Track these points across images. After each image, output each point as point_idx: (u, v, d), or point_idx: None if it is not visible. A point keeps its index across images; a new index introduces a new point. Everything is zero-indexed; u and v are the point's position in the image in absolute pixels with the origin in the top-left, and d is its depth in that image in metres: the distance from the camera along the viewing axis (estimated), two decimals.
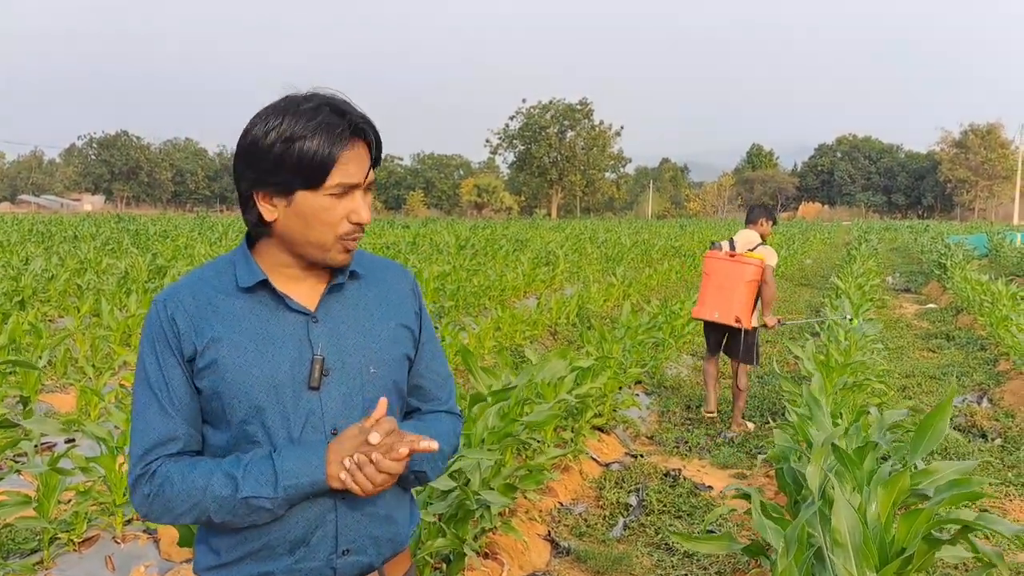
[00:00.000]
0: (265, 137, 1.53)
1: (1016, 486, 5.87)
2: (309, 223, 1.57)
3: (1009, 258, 24.01)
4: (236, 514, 1.54)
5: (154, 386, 1.56)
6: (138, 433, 1.57)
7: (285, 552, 1.60)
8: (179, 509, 1.54)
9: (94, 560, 4.12)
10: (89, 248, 18.72)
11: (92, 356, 7.99)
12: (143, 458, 1.55)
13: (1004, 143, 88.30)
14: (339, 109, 1.56)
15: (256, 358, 1.57)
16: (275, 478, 1.53)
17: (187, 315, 1.57)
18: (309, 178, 1.54)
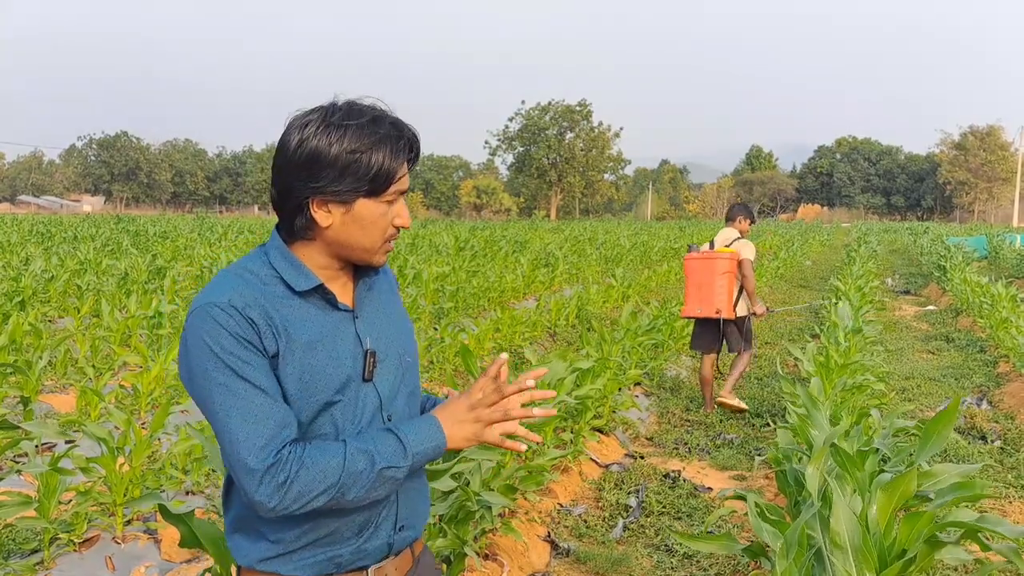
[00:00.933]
0: (329, 149, 1.60)
1: (1016, 488, 5.88)
2: (366, 228, 1.66)
3: (1009, 260, 24.01)
4: (371, 487, 1.60)
5: (251, 378, 1.57)
6: (250, 427, 1.56)
7: (353, 535, 1.69)
8: (316, 491, 1.56)
9: (94, 560, 4.12)
10: (89, 249, 18.70)
11: (92, 357, 7.99)
12: (266, 448, 1.55)
13: (1004, 145, 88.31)
14: (396, 122, 1.67)
15: (325, 357, 1.65)
16: (403, 449, 1.63)
17: (262, 316, 1.61)
18: (373, 187, 1.64)
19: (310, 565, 1.68)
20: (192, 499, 4.91)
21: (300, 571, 1.68)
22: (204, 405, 1.59)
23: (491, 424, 1.69)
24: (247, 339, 1.58)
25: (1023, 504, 5.60)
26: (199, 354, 1.58)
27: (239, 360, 1.57)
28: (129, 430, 4.55)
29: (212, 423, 1.59)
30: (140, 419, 6.38)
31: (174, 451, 4.98)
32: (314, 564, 1.68)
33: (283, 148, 1.65)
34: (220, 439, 1.58)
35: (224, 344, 1.57)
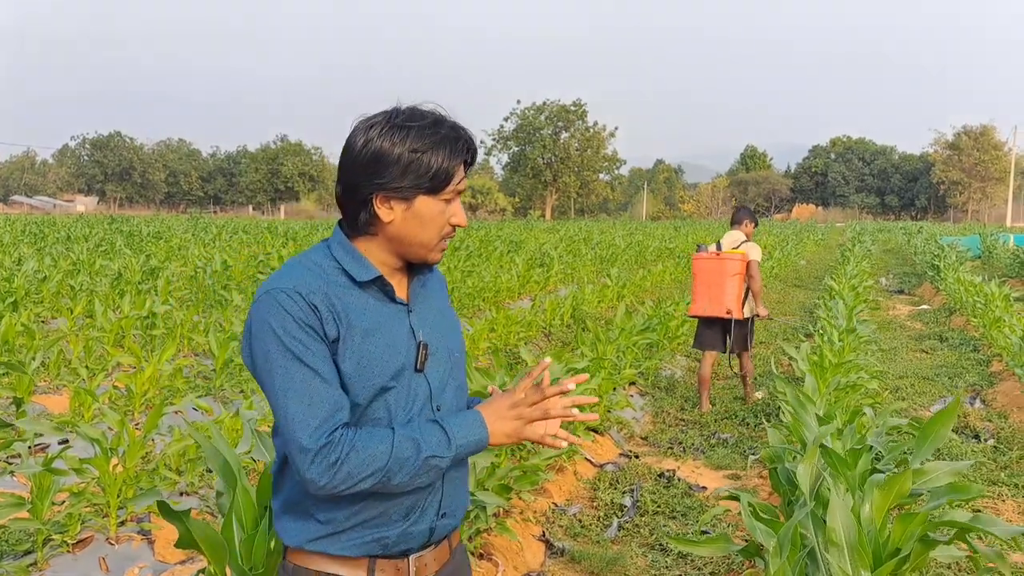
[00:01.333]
0: (393, 148, 1.72)
1: (1009, 487, 5.89)
2: (425, 225, 1.77)
3: (1002, 260, 24.08)
4: (416, 474, 1.69)
5: (310, 363, 1.67)
6: (305, 408, 1.65)
7: (400, 518, 1.78)
8: (364, 473, 1.65)
9: (88, 561, 4.11)
10: (82, 249, 18.67)
11: (85, 357, 7.98)
12: (320, 428, 1.64)
13: (997, 144, 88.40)
14: (455, 125, 1.78)
15: (382, 345, 1.74)
16: (448, 440, 1.71)
17: (324, 303, 1.70)
18: (433, 185, 1.74)
19: (357, 545, 1.76)
20: (187, 500, 4.90)
21: (347, 551, 1.76)
22: (265, 385, 1.69)
23: (531, 422, 1.78)
24: (309, 324, 1.68)
25: (1016, 503, 5.62)
26: (263, 337, 1.69)
27: (300, 344, 1.66)
28: (123, 431, 4.54)
29: (271, 403, 1.68)
30: (134, 420, 6.37)
31: (168, 452, 4.97)
32: (361, 545, 1.76)
33: (349, 148, 1.76)
34: (277, 418, 1.68)
35: (288, 328, 1.67)
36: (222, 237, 28.15)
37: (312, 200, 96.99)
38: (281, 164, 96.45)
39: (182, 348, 9.00)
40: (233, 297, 11.28)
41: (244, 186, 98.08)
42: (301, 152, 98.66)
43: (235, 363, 7.89)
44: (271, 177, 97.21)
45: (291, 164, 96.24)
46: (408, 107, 1.78)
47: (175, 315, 9.35)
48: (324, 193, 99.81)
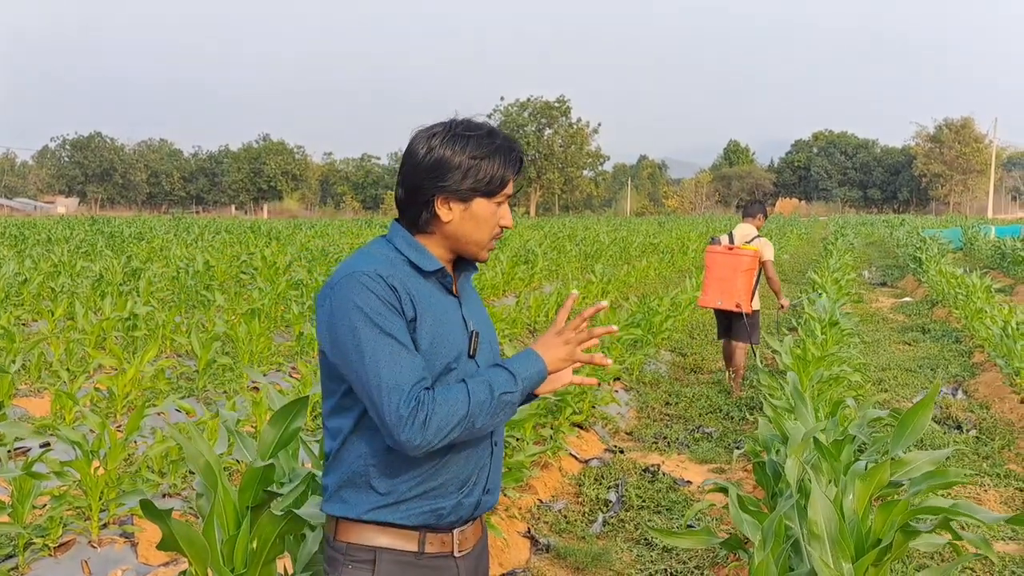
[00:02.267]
0: (455, 155, 1.92)
1: (991, 476, 5.93)
2: (480, 225, 1.97)
3: (983, 251, 24.24)
4: (494, 413, 1.87)
5: (397, 336, 1.84)
6: (395, 374, 1.81)
7: (455, 489, 1.95)
8: (452, 423, 1.82)
9: (70, 565, 4.08)
10: (63, 251, 18.53)
11: (67, 360, 7.91)
12: (410, 393, 1.80)
13: (978, 137, 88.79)
14: (508, 137, 2.00)
15: (446, 329, 1.93)
16: (513, 376, 1.89)
17: (401, 286, 1.88)
18: (490, 188, 1.95)
19: (416, 515, 1.92)
20: (169, 501, 4.88)
21: (405, 520, 1.91)
22: (351, 360, 1.84)
23: (579, 344, 1.97)
24: (391, 302, 1.85)
25: (998, 492, 5.66)
26: (348, 315, 1.85)
27: (385, 320, 1.84)
28: (104, 433, 4.51)
29: (359, 375, 1.83)
30: (116, 422, 6.32)
31: (150, 454, 4.94)
32: (420, 514, 1.92)
33: (413, 154, 1.96)
34: (368, 388, 1.82)
35: (372, 305, 1.84)
36: (204, 237, 28.01)
37: (295, 199, 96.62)
38: (264, 163, 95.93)
39: (164, 349, 8.95)
40: (216, 297, 11.23)
41: (226, 186, 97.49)
42: (284, 151, 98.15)
43: (218, 364, 7.85)
44: (254, 176, 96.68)
45: (274, 163, 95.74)
46: (464, 119, 1.99)
47: (157, 316, 9.29)
48: (307, 192, 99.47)
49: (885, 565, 2.89)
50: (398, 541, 1.93)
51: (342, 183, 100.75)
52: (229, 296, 12.13)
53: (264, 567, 2.66)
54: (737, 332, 8.12)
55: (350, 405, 1.93)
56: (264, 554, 2.63)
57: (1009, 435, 6.85)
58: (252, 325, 8.58)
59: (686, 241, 28.55)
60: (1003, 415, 7.43)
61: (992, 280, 13.45)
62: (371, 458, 1.91)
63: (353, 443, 1.93)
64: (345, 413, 1.94)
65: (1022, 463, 6.25)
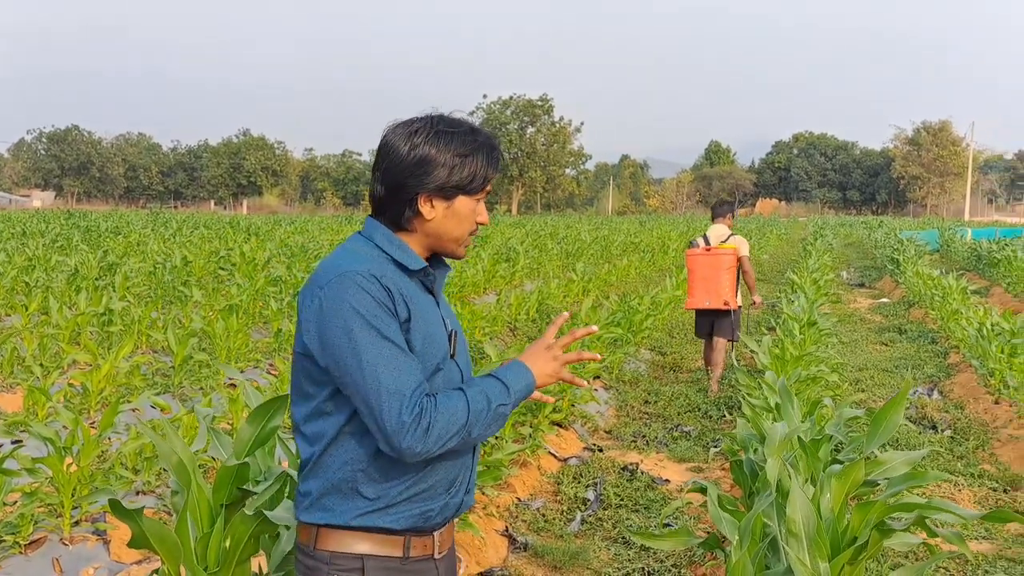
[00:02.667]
0: (439, 153, 1.90)
1: (965, 476, 5.97)
2: (461, 221, 1.95)
3: (960, 253, 24.44)
4: (489, 424, 1.85)
5: (394, 339, 1.80)
6: (396, 379, 1.77)
7: (443, 491, 1.93)
8: (451, 431, 1.80)
9: (41, 563, 4.03)
10: (38, 245, 18.35)
11: (40, 355, 7.83)
12: (412, 399, 1.78)
13: (955, 140, 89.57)
14: (489, 135, 1.99)
15: (433, 329, 1.91)
16: (507, 388, 1.87)
17: (395, 287, 1.85)
18: (472, 186, 1.94)
19: (405, 518, 1.89)
20: (143, 499, 4.83)
21: (394, 524, 1.88)
22: (347, 364, 1.79)
23: (566, 363, 1.96)
24: (386, 304, 1.82)
25: (972, 492, 5.70)
26: (342, 316, 1.79)
27: (381, 322, 1.80)
28: (77, 429, 4.45)
29: (356, 380, 1.78)
30: (89, 418, 6.26)
31: (124, 450, 4.89)
32: (409, 517, 1.89)
33: (394, 151, 1.92)
34: (366, 394, 1.77)
35: (369, 307, 1.79)
36: (182, 232, 27.82)
37: (275, 195, 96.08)
38: (243, 158, 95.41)
39: (140, 345, 8.87)
40: (193, 293, 11.14)
41: (205, 181, 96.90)
42: (264, 146, 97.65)
43: (194, 360, 7.78)
44: (233, 172, 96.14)
45: (253, 158, 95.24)
46: (443, 115, 1.97)
47: (133, 311, 9.20)
48: (287, 188, 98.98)
49: (860, 564, 2.89)
50: (384, 547, 1.88)
51: (323, 179, 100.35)
52: (207, 292, 12.04)
53: (238, 566, 2.63)
54: (721, 330, 8.28)
55: (333, 410, 1.87)
56: (238, 553, 2.60)
57: (983, 435, 6.90)
58: (230, 321, 8.52)
59: (667, 240, 28.62)
60: (977, 415, 7.49)
61: (968, 282, 13.56)
62: (359, 463, 1.86)
63: (339, 448, 1.87)
64: (326, 418, 1.87)
65: (996, 463, 6.30)
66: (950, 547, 4.21)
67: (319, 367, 1.85)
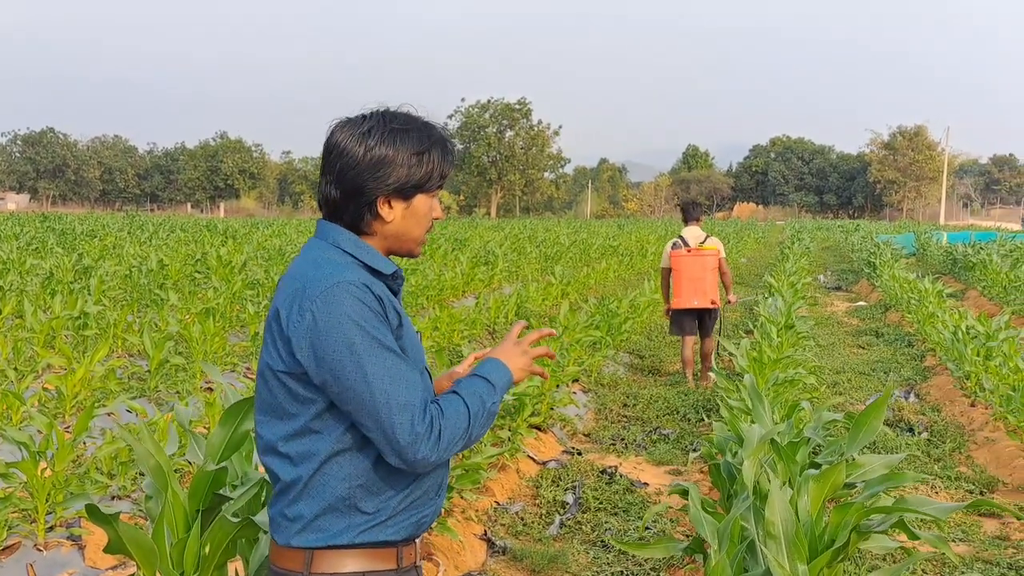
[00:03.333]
0: (397, 153, 1.84)
1: (942, 479, 6.02)
2: (419, 221, 1.91)
3: (935, 257, 24.66)
4: (484, 424, 1.84)
5: (395, 351, 1.77)
6: (405, 391, 1.73)
7: (434, 494, 1.91)
8: (458, 435, 1.78)
9: (15, 568, 3.98)
10: (12, 248, 18.15)
11: (14, 359, 7.74)
12: (424, 410, 1.75)
13: (931, 144, 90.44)
14: (442, 129, 1.93)
15: (414, 336, 1.90)
16: (493, 386, 1.86)
17: (383, 295, 1.81)
18: (430, 183, 1.89)
19: (404, 528, 1.85)
20: (119, 504, 4.78)
21: (394, 535, 1.84)
22: (350, 378, 1.72)
23: (534, 357, 1.96)
24: (381, 313, 1.78)
25: (949, 494, 5.74)
26: (342, 330, 1.72)
27: (380, 332, 1.75)
28: (51, 434, 4.40)
29: (362, 394, 1.72)
30: (65, 423, 6.18)
31: (99, 455, 4.84)
32: (407, 526, 1.86)
33: (347, 154, 1.84)
34: (375, 407, 1.71)
35: (367, 318, 1.74)
36: (159, 235, 27.61)
37: (252, 198, 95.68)
38: (221, 161, 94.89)
39: (115, 349, 8.79)
40: (169, 296, 11.05)
41: (182, 183, 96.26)
42: (241, 149, 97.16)
43: (170, 364, 7.72)
44: (210, 174, 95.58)
45: (231, 161, 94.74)
46: (392, 112, 1.89)
47: (108, 315, 9.12)
48: (264, 191, 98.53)
49: (838, 566, 2.91)
50: (378, 561, 1.83)
51: (300, 182, 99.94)
52: (183, 295, 11.96)
53: (215, 571, 2.61)
54: (709, 327, 8.77)
55: (323, 428, 1.78)
56: (216, 558, 2.58)
57: (960, 438, 6.95)
58: (206, 325, 8.45)
59: (645, 244, 28.70)
60: (954, 418, 7.55)
61: (944, 285, 13.67)
62: (358, 479, 1.79)
63: (334, 465, 1.78)
64: (315, 436, 1.78)
65: (972, 466, 6.35)
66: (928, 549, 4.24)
67: (306, 384, 1.77)
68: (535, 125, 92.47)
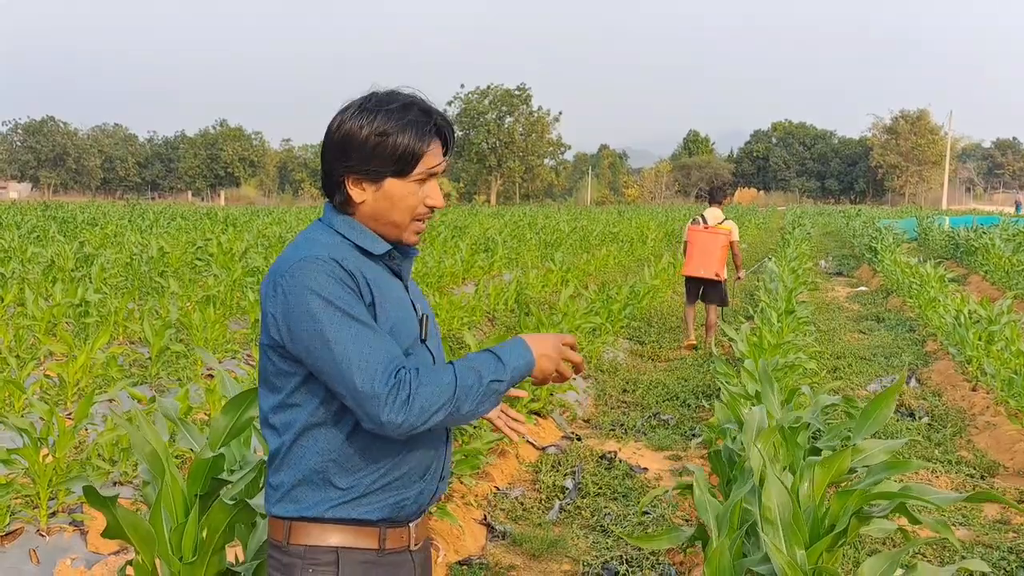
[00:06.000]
0: (360, 131, 1.80)
1: (943, 463, 6.03)
2: (395, 205, 1.85)
3: (937, 241, 24.62)
4: (481, 401, 1.77)
5: (359, 317, 1.75)
6: (367, 354, 1.72)
7: (418, 478, 1.87)
8: (436, 405, 1.73)
9: (17, 553, 3.99)
10: (13, 236, 18.15)
11: (16, 346, 7.75)
12: (386, 371, 1.71)
13: (933, 129, 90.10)
14: (425, 108, 1.85)
15: (403, 313, 1.86)
16: (503, 364, 1.79)
17: (357, 270, 1.79)
18: (400, 168, 1.82)
19: (379, 508, 1.83)
20: (120, 490, 4.79)
21: (367, 515, 1.83)
22: (316, 348, 1.73)
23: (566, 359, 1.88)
24: (350, 286, 1.76)
25: (950, 479, 5.75)
26: (305, 301, 1.74)
27: (345, 303, 1.74)
28: (52, 420, 4.42)
29: (328, 362, 1.72)
30: (66, 409, 6.20)
31: (100, 441, 4.85)
32: (383, 507, 1.84)
33: (327, 131, 1.85)
34: (341, 373, 1.71)
35: (331, 290, 1.74)
36: (159, 223, 27.61)
37: (252, 186, 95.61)
38: (221, 149, 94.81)
39: (117, 336, 8.80)
40: (170, 284, 11.06)
41: (183, 172, 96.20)
42: (241, 137, 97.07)
43: (171, 351, 7.73)
44: (210, 162, 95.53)
45: (231, 149, 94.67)
46: (386, 91, 1.85)
47: (109, 303, 9.12)
48: (265, 179, 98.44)
49: (838, 551, 2.91)
50: (360, 539, 1.83)
51: (300, 169, 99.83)
52: (184, 283, 11.95)
53: (214, 555, 2.61)
54: (711, 297, 9.86)
55: (301, 400, 1.82)
56: (214, 542, 2.58)
57: (960, 422, 6.96)
58: (207, 312, 8.46)
59: (645, 231, 28.66)
60: (955, 403, 7.56)
61: (946, 270, 13.66)
62: (331, 453, 1.81)
63: (309, 438, 1.82)
64: (295, 408, 1.83)
65: (973, 450, 6.35)
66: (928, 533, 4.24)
67: (286, 358, 1.81)
68: (535, 111, 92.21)
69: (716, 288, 9.81)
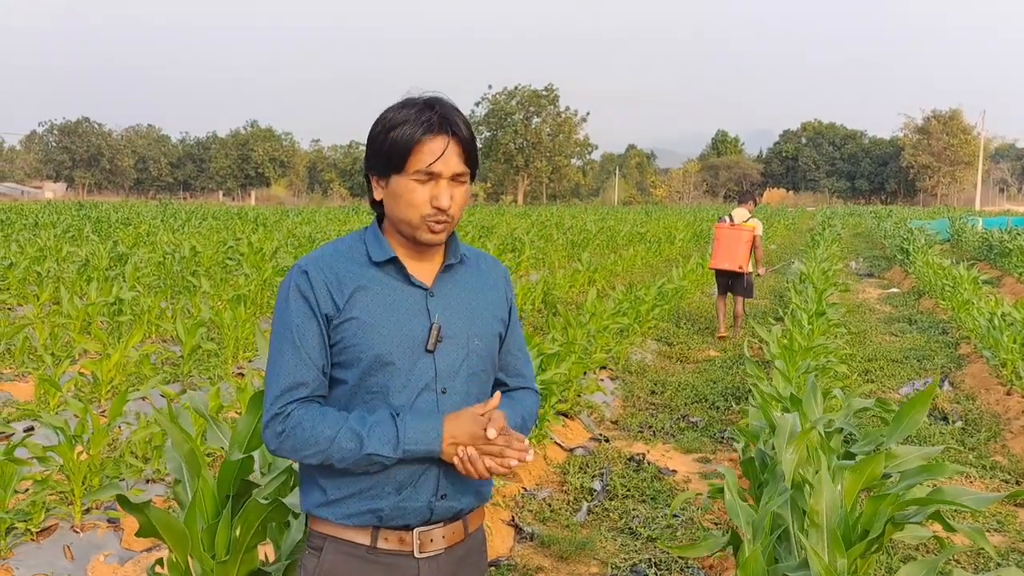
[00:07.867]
0: (372, 130, 1.87)
1: (976, 468, 5.95)
2: (398, 203, 1.86)
3: (971, 243, 24.32)
4: (357, 464, 1.80)
5: (293, 336, 1.83)
6: (273, 377, 1.84)
7: (392, 491, 1.85)
8: (306, 452, 1.81)
9: (52, 550, 4.05)
10: (49, 236, 18.40)
11: (51, 344, 7.86)
12: (278, 399, 1.82)
13: (966, 129, 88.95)
14: (431, 104, 1.85)
15: (384, 319, 1.85)
16: (397, 441, 1.79)
17: (328, 278, 1.84)
18: (395, 162, 1.84)
19: (355, 515, 1.86)
20: (152, 487, 4.84)
21: (347, 520, 1.86)
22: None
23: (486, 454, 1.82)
24: (307, 299, 1.83)
25: (984, 484, 5.68)
26: (276, 305, 1.90)
27: (292, 318, 1.83)
28: (87, 418, 4.47)
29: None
30: (100, 407, 6.28)
31: (133, 439, 4.91)
32: (358, 515, 1.86)
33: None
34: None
35: (290, 299, 1.85)
36: (191, 223, 27.87)
37: (283, 186, 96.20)
38: (251, 150, 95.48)
39: (149, 334, 8.90)
40: (202, 283, 11.16)
41: (214, 172, 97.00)
42: (271, 137, 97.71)
43: (203, 350, 7.80)
44: (241, 163, 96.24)
45: (261, 150, 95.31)
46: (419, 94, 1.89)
47: (142, 301, 9.23)
48: (294, 179, 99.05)
49: (871, 557, 2.88)
50: (348, 533, 1.88)
51: (330, 170, 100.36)
52: (215, 282, 12.06)
53: (246, 553, 2.63)
54: (737, 289, 10.82)
55: None
56: (247, 541, 2.60)
57: (995, 427, 6.87)
58: (238, 311, 8.53)
59: (673, 231, 28.53)
60: (989, 407, 7.46)
61: (979, 272, 13.49)
62: None
63: None
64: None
65: (1008, 455, 6.27)
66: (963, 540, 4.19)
67: None
68: (562, 111, 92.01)
69: (740, 280, 10.69)
